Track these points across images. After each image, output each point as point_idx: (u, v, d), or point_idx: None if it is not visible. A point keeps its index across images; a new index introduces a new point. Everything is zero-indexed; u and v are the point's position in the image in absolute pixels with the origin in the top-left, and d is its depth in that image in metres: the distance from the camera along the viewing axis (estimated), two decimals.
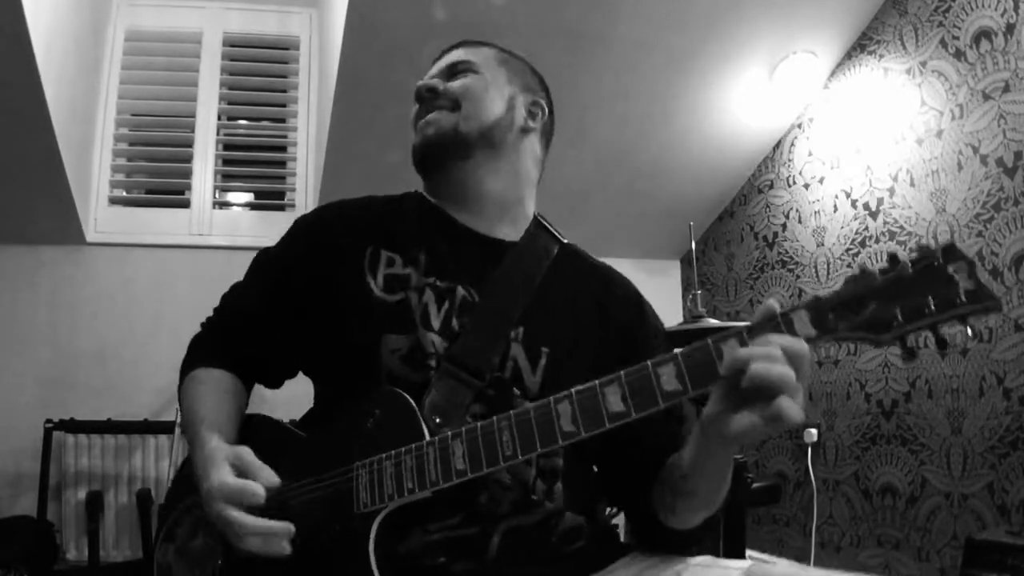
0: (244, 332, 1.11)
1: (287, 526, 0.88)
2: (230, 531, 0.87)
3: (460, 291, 1.03)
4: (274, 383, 1.17)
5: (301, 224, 1.16)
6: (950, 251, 0.70)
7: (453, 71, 1.15)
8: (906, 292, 0.71)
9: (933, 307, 0.70)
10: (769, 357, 0.72)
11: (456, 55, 1.17)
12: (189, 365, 1.12)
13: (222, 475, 0.90)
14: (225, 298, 1.17)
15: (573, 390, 0.80)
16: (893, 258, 0.73)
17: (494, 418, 0.84)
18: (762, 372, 0.71)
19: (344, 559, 0.88)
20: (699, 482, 0.90)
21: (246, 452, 0.93)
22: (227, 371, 1.10)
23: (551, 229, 1.16)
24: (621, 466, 1.04)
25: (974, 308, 0.69)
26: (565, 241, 1.17)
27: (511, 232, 1.12)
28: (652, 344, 1.11)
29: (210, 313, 1.17)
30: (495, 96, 1.12)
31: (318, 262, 1.07)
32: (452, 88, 1.12)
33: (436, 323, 1.01)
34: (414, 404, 0.91)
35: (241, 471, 0.91)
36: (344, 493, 0.90)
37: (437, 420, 0.92)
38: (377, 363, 0.97)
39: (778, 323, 0.74)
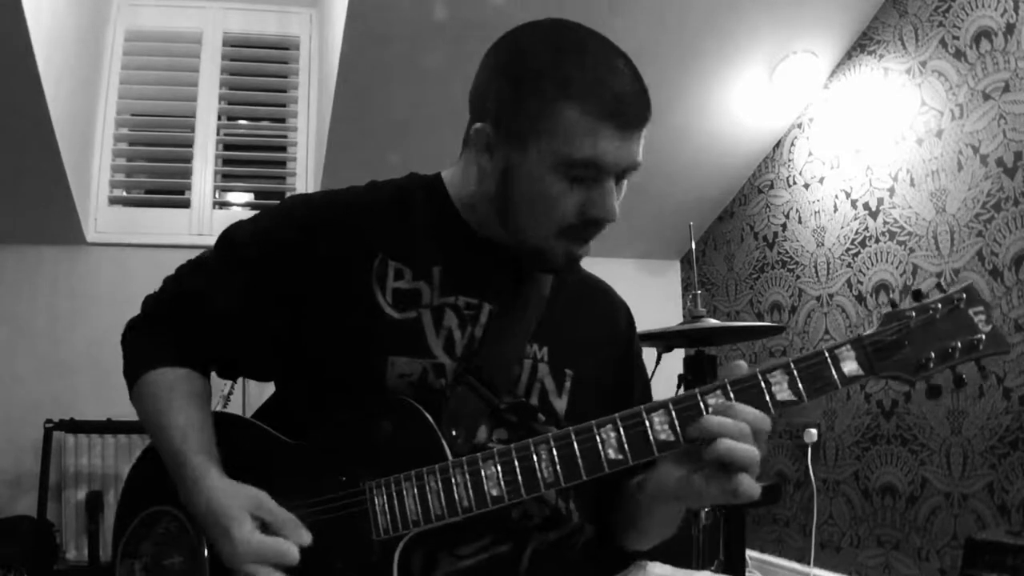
0: (215, 333, 0.97)
1: None
2: None
3: (487, 307, 0.94)
4: (231, 376, 1.05)
5: (293, 210, 1.00)
6: (972, 294, 0.77)
7: (624, 176, 0.92)
8: (936, 335, 0.76)
9: (958, 351, 0.76)
10: (740, 434, 0.74)
11: (639, 149, 0.93)
12: (144, 363, 0.98)
13: (246, 532, 0.81)
14: (187, 282, 1.00)
15: (618, 415, 0.79)
16: (918, 295, 0.78)
17: (529, 441, 0.80)
18: (726, 450, 0.74)
19: None
20: (651, 525, 0.94)
21: (268, 502, 0.84)
22: (194, 370, 0.98)
23: None
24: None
25: (989, 352, 0.76)
26: None
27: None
28: (638, 371, 1.10)
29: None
30: None
31: (316, 262, 0.93)
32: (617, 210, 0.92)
33: (460, 348, 0.91)
34: (430, 417, 0.83)
35: (267, 526, 0.83)
36: (358, 517, 0.82)
37: (453, 433, 0.85)
38: (382, 386, 0.88)
39: (758, 381, 0.78)
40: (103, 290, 3.19)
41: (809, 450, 2.91)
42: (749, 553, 3.07)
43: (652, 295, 3.67)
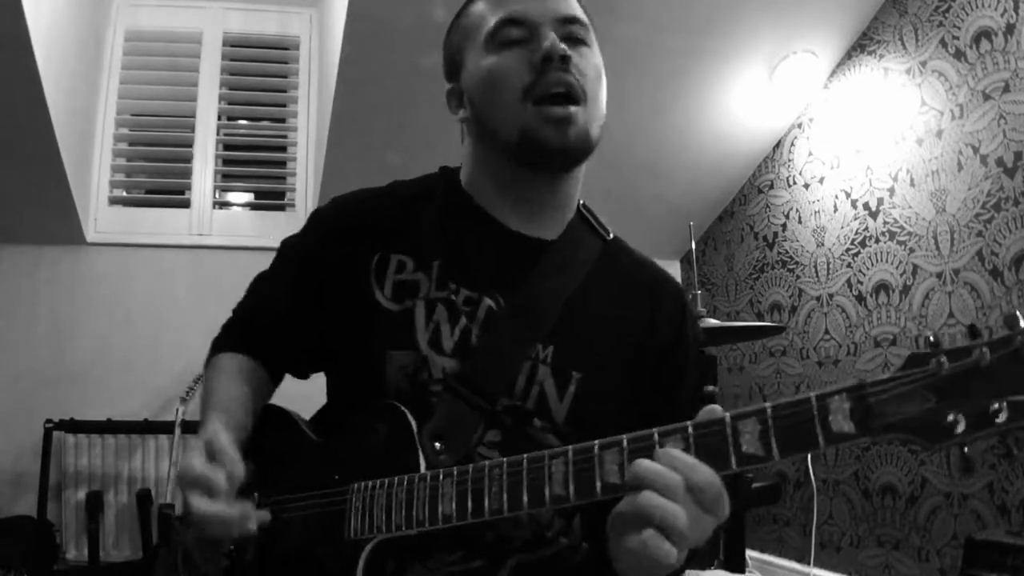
0: (269, 326, 1.04)
1: (241, 509, 0.82)
2: (191, 516, 0.82)
3: (487, 302, 0.91)
4: (302, 375, 1.09)
5: (319, 218, 1.05)
6: None
7: (569, 33, 0.91)
8: (976, 388, 0.53)
9: (1007, 414, 0.52)
10: (665, 488, 0.62)
11: (570, 4, 0.93)
12: (217, 347, 1.07)
13: (190, 459, 0.83)
14: (252, 286, 1.10)
15: (571, 448, 0.70)
16: (973, 331, 0.56)
17: (486, 464, 0.74)
18: (644, 502, 0.63)
19: None
20: (627, 569, 0.78)
21: (222, 437, 0.84)
22: (251, 358, 1.04)
23: (595, 222, 1.01)
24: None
25: None
26: (611, 236, 1.02)
27: (549, 231, 0.97)
28: (687, 367, 1.00)
29: (210, 313, 1.14)
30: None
31: (330, 267, 0.97)
32: (582, 71, 0.90)
33: (448, 344, 0.89)
34: (415, 427, 0.83)
35: (211, 456, 0.83)
36: (336, 515, 0.84)
37: (437, 447, 0.83)
38: (382, 381, 0.89)
39: (724, 428, 0.62)
40: (103, 290, 3.19)
41: None
42: (749, 553, 3.07)
43: None
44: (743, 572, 2.30)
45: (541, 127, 0.88)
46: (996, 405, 0.52)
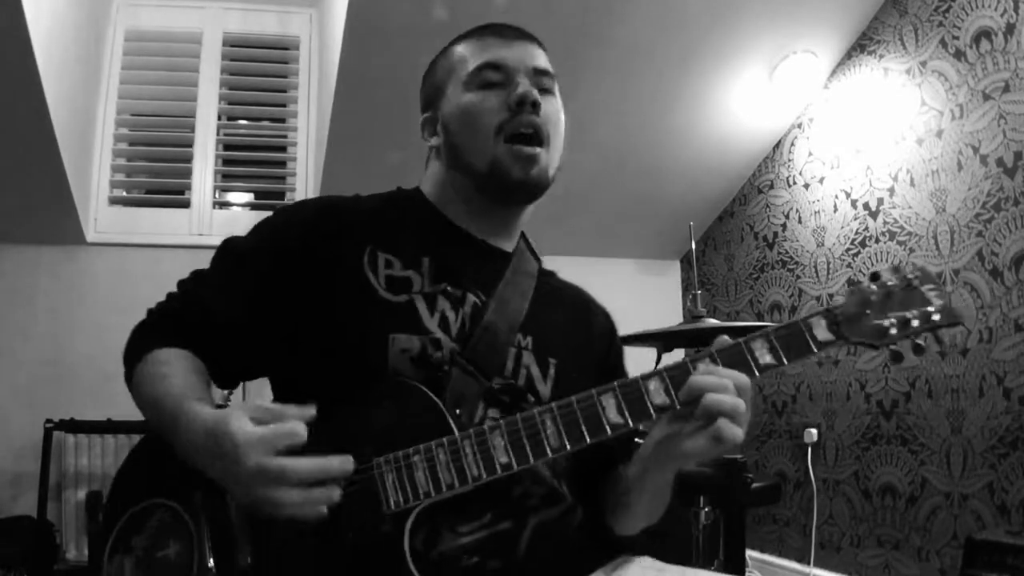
0: (220, 341, 0.98)
1: (345, 460, 0.79)
2: (275, 485, 0.76)
3: (471, 298, 1.01)
4: (231, 385, 1.07)
5: (287, 218, 1.05)
6: (925, 274, 0.87)
7: (539, 83, 1.04)
8: (893, 307, 0.85)
9: (916, 321, 0.85)
10: (724, 388, 0.81)
11: (540, 58, 1.06)
12: (144, 346, 0.98)
13: (247, 425, 0.77)
14: (190, 292, 1.03)
15: (616, 383, 0.84)
16: (875, 276, 0.87)
17: (535, 410, 0.84)
18: (713, 402, 0.81)
19: (378, 563, 0.82)
20: (641, 497, 0.96)
21: (259, 403, 0.82)
22: (194, 354, 0.98)
23: (532, 248, 1.16)
24: (581, 468, 1.04)
25: (944, 324, 0.85)
26: (541, 263, 1.16)
27: (507, 244, 1.10)
28: (619, 362, 1.17)
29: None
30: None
31: (313, 260, 0.98)
32: (548, 117, 1.03)
33: (454, 329, 0.97)
34: (434, 396, 0.87)
35: (266, 418, 0.79)
36: (369, 493, 0.84)
37: (457, 411, 0.89)
38: (384, 363, 0.92)
39: (741, 350, 0.85)
40: (103, 290, 3.19)
41: (809, 450, 2.91)
42: (749, 553, 3.07)
43: (652, 295, 3.67)
44: (743, 572, 2.30)
45: (509, 162, 1.00)
46: (909, 315, 0.85)
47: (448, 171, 1.07)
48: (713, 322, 2.27)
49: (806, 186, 3.08)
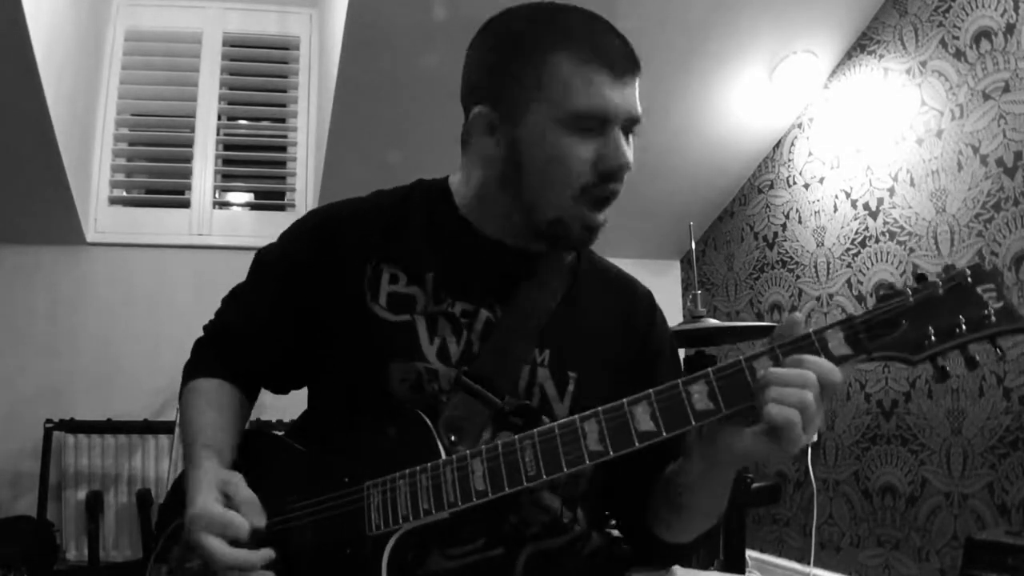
0: (248, 343, 1.03)
1: (264, 555, 0.84)
2: (207, 560, 0.84)
3: (484, 313, 0.95)
4: (280, 390, 1.10)
5: (303, 227, 1.05)
6: (978, 272, 0.72)
7: (629, 131, 0.93)
8: (937, 312, 0.72)
9: (964, 327, 0.71)
10: (805, 383, 0.71)
11: (637, 101, 0.93)
12: (192, 371, 1.06)
13: (208, 502, 0.85)
14: (227, 302, 1.10)
15: (600, 409, 0.78)
16: (922, 278, 0.74)
17: (515, 437, 0.81)
18: (785, 397, 0.71)
19: None
20: (700, 498, 0.89)
21: (237, 481, 0.88)
22: (228, 382, 1.04)
23: None
24: (618, 476, 0.98)
25: (1003, 328, 0.71)
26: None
27: (537, 242, 0.99)
28: (662, 360, 1.06)
29: (210, 313, 1.11)
30: None
31: (320, 275, 0.98)
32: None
33: (455, 356, 0.93)
34: (428, 421, 0.86)
35: (230, 501, 0.87)
36: (355, 514, 0.85)
37: (452, 438, 0.86)
38: (384, 389, 0.91)
39: (812, 341, 0.74)
40: (103, 290, 3.19)
41: (809, 450, 2.91)
42: (749, 553, 3.07)
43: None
44: (743, 572, 2.30)
45: (576, 225, 0.91)
46: (956, 320, 0.71)
47: (499, 191, 0.94)
48: (713, 322, 2.27)
49: (806, 186, 3.08)
